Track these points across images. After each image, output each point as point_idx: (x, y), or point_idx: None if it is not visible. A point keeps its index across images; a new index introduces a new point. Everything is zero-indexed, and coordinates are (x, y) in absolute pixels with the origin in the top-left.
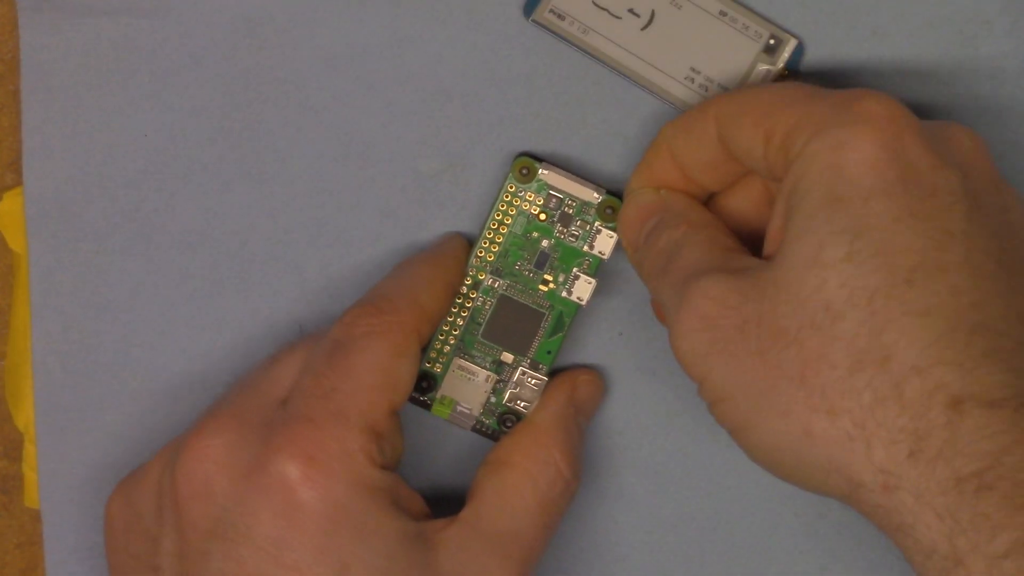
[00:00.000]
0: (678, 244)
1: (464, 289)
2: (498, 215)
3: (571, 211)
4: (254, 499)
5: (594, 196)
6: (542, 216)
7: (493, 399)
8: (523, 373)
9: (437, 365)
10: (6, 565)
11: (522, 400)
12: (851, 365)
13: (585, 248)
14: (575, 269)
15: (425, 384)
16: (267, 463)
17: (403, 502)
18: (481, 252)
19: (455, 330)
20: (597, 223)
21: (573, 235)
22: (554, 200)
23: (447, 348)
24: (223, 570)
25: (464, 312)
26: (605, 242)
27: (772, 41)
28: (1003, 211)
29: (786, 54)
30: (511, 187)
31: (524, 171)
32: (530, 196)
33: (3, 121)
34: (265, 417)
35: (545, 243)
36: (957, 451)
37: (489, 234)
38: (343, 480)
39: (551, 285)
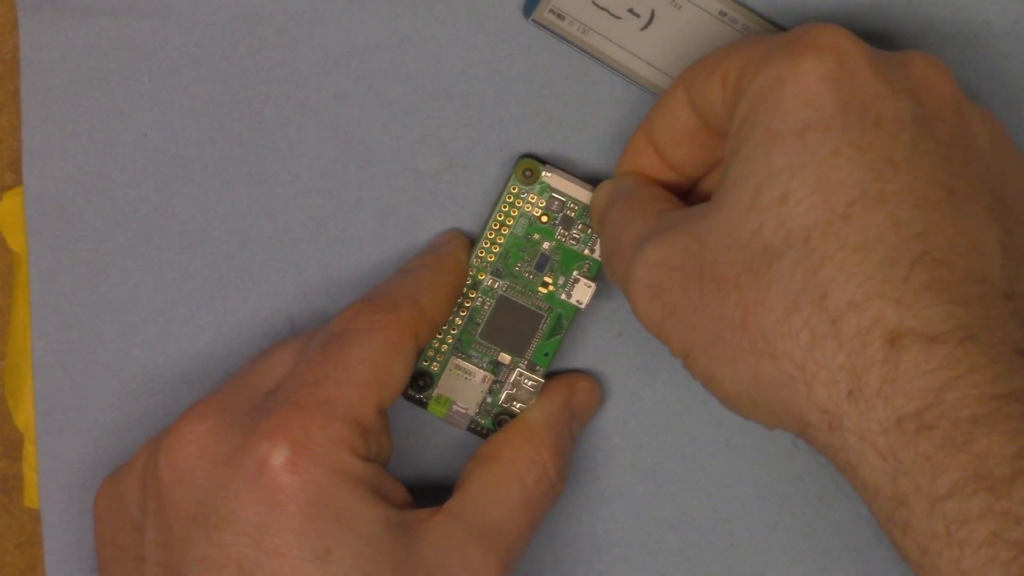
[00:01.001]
0: (619, 223)
1: (464, 289)
2: (500, 216)
3: (573, 214)
4: (236, 484)
5: None
6: (544, 218)
7: (489, 399)
8: (520, 374)
9: (434, 364)
10: (6, 565)
11: (518, 401)
12: (788, 306)
13: (586, 252)
14: (575, 272)
15: (422, 382)
16: (251, 448)
17: (386, 491)
18: (482, 252)
19: (453, 329)
20: None
21: (574, 238)
22: (556, 203)
23: (445, 347)
24: (206, 556)
25: (463, 312)
26: None
27: None
28: (963, 138)
29: None
30: (514, 188)
31: (527, 173)
32: (532, 198)
33: (3, 121)
34: (251, 406)
35: (546, 245)
36: (896, 389)
37: (490, 235)
38: (325, 466)
39: (551, 287)
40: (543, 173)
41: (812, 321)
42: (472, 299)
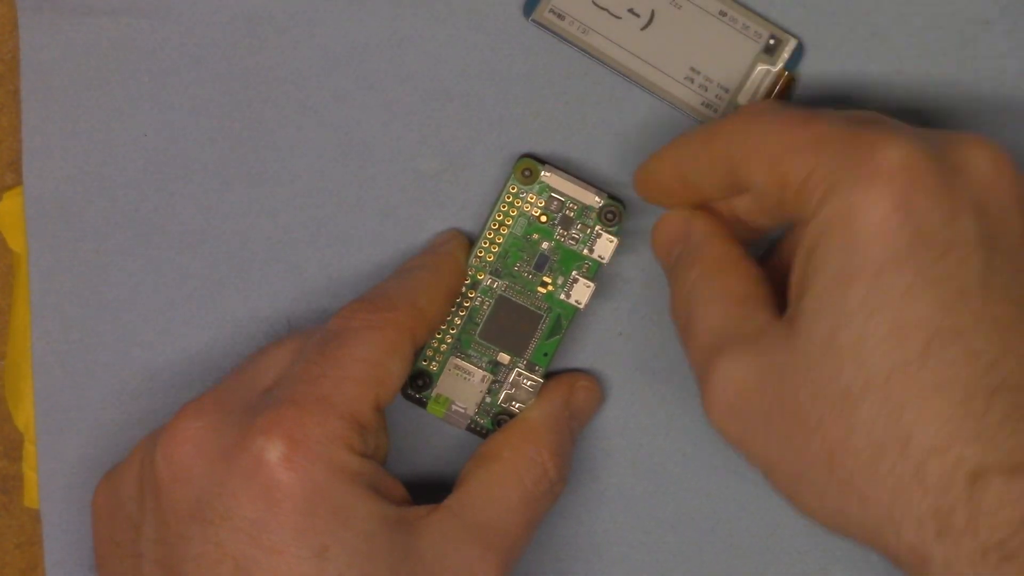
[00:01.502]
0: (692, 295)
1: (463, 288)
2: (499, 216)
3: (572, 214)
4: (233, 481)
5: (595, 200)
6: (543, 218)
7: (488, 399)
8: (519, 374)
9: (433, 364)
10: (6, 565)
11: (517, 401)
12: (873, 452)
13: (585, 252)
14: (574, 272)
15: (421, 382)
16: (247, 444)
17: (383, 488)
18: (481, 252)
19: (452, 329)
20: (597, 227)
21: (573, 238)
22: (555, 203)
23: (444, 347)
24: (202, 554)
25: (462, 312)
26: (605, 246)
27: (772, 41)
28: None
29: (786, 54)
30: (513, 188)
31: (527, 172)
32: (531, 198)
33: (3, 121)
34: (248, 403)
35: (545, 245)
36: (981, 523)
37: (489, 234)
38: (322, 463)
39: (550, 287)
40: (542, 173)
41: (897, 468)
42: (471, 299)
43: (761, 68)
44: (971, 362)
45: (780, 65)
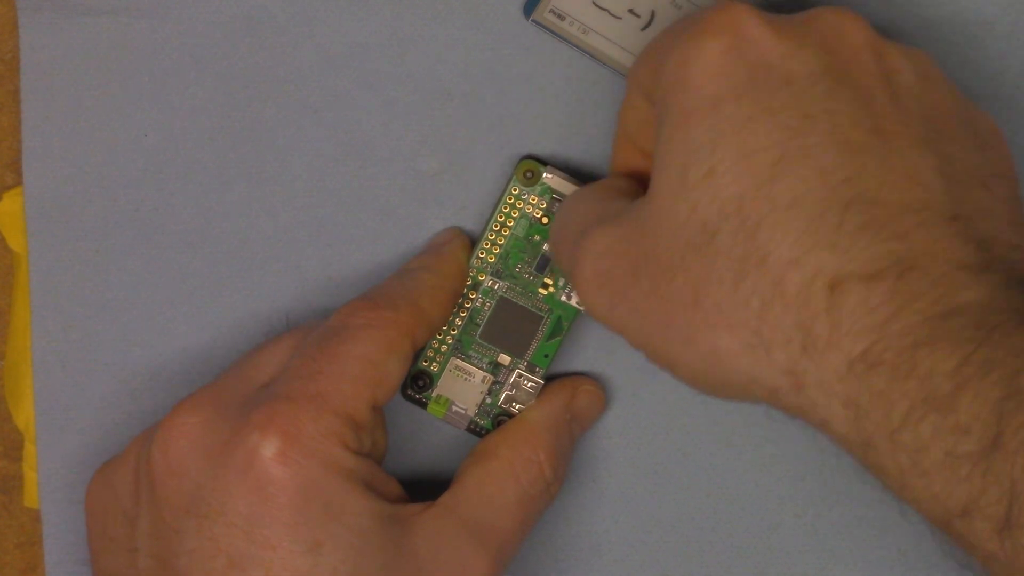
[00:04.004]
0: (566, 209)
1: (464, 290)
2: (500, 217)
3: None
4: (227, 475)
5: None
6: (544, 219)
7: (488, 400)
8: (519, 375)
9: (434, 364)
10: (6, 565)
11: (517, 402)
12: (735, 276)
13: None
14: None
15: (422, 383)
16: (242, 439)
17: (378, 485)
18: (482, 253)
19: (453, 329)
20: None
21: None
22: (557, 204)
23: (444, 348)
24: (196, 548)
25: (463, 312)
26: None
27: None
28: (885, 76)
29: None
30: (515, 189)
31: (529, 174)
32: (533, 199)
33: (3, 121)
34: (244, 398)
35: (546, 247)
36: (843, 334)
37: (491, 235)
38: (316, 458)
39: (551, 289)
40: (544, 175)
41: (759, 286)
42: (472, 300)
43: None
44: (823, 178)
45: None
